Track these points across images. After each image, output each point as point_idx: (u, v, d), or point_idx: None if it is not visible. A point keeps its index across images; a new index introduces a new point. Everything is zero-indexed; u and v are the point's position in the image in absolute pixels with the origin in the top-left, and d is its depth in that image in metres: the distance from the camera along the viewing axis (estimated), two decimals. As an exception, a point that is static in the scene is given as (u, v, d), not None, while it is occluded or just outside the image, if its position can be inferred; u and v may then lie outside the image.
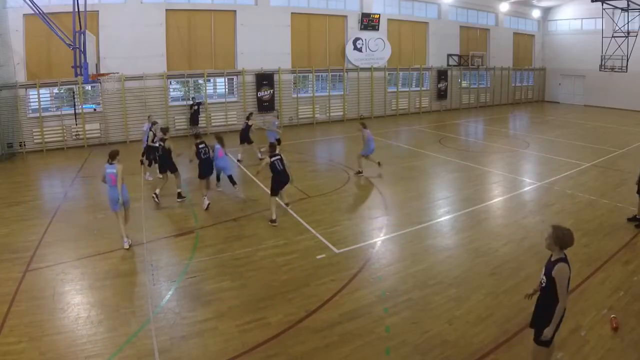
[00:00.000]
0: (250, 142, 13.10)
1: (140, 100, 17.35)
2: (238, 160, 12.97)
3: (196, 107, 17.57)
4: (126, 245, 7.26)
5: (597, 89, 28.11)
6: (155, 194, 9.59)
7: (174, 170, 9.75)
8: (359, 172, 11.69)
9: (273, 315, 5.36)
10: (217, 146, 9.66)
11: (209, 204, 9.16)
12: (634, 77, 25.08)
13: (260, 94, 19.97)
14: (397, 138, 18.07)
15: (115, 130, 17.18)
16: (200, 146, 9.34)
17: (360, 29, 22.47)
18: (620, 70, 24.72)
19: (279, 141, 12.68)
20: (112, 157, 7.25)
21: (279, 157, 8.42)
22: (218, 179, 10.64)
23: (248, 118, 13.21)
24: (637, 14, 23.61)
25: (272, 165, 8.31)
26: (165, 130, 10.08)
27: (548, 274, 3.79)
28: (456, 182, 11.31)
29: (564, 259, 3.75)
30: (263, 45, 19.68)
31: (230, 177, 9.80)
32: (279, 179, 8.36)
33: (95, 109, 17.02)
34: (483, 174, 12.08)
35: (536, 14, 30.60)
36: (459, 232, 8.02)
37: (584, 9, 28.03)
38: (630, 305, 5.38)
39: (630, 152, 14.40)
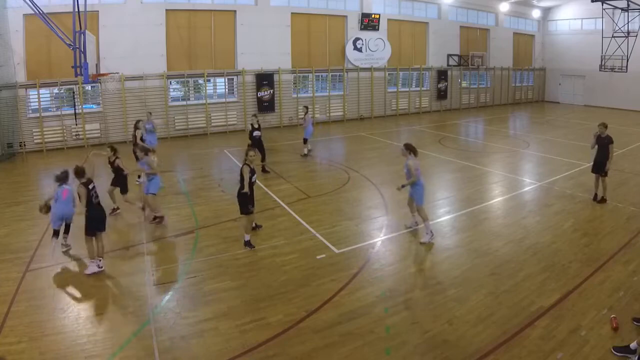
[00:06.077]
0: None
1: (140, 100, 17.35)
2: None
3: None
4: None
5: (597, 89, 28.13)
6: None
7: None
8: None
9: (273, 315, 5.36)
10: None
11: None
12: (634, 77, 25.09)
13: (260, 94, 19.97)
14: (397, 138, 18.05)
15: (115, 130, 17.18)
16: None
17: (360, 29, 22.47)
18: (620, 71, 24.74)
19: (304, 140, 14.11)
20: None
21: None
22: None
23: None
24: (637, 14, 23.63)
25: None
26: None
27: None
28: (456, 182, 11.31)
29: None
30: (263, 45, 19.69)
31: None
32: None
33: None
34: (483, 174, 12.08)
35: (536, 14, 30.61)
36: (459, 232, 8.01)
37: (584, 9, 28.04)
38: (630, 305, 5.38)
39: (630, 152, 14.40)
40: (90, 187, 6.56)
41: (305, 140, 14.22)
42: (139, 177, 10.84)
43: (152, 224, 8.39)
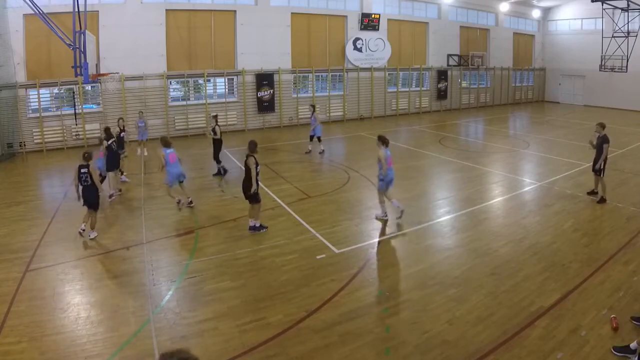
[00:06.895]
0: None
1: (140, 100, 17.35)
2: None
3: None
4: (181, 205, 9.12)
5: (597, 89, 28.13)
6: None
7: None
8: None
9: (273, 315, 5.36)
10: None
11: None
12: (634, 77, 25.08)
13: (260, 94, 19.97)
14: (397, 138, 18.04)
15: (115, 130, 17.12)
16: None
17: (360, 29, 22.48)
18: (620, 71, 24.74)
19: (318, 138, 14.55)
20: (167, 143, 8.91)
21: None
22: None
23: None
24: (637, 14, 23.64)
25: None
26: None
27: None
28: (456, 182, 11.31)
29: None
30: (263, 45, 19.69)
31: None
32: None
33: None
34: (483, 174, 12.08)
35: (536, 14, 30.61)
36: (459, 232, 8.01)
37: (584, 9, 28.04)
38: (630, 305, 5.37)
39: (630, 152, 14.40)
40: (82, 170, 7.42)
41: (319, 139, 14.56)
42: (122, 173, 11.41)
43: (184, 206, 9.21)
